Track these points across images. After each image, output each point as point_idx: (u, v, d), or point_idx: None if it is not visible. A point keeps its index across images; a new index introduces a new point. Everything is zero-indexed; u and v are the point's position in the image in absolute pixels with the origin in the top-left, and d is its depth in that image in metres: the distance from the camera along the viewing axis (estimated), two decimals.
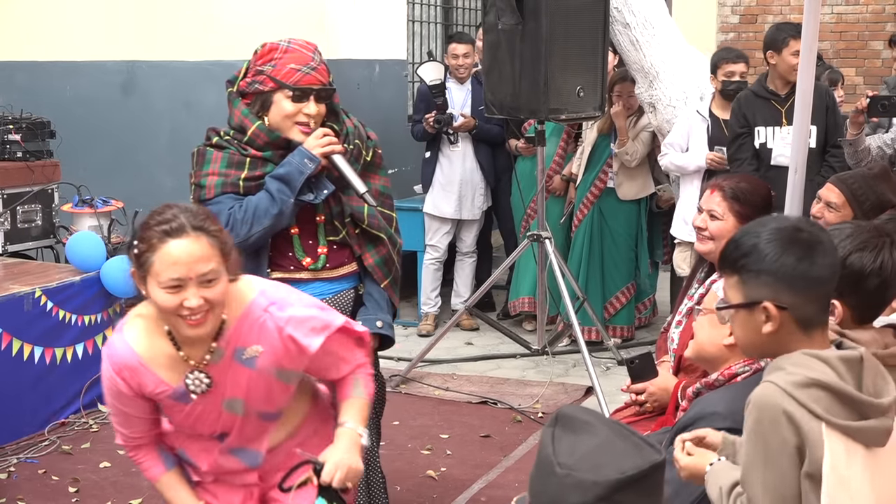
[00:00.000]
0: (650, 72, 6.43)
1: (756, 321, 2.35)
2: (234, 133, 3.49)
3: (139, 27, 8.05)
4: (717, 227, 3.70)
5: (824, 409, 2.22)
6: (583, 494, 1.77)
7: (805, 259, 2.31)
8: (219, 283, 2.66)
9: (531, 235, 6.34)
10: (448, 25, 9.94)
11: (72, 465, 5.12)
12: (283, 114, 3.43)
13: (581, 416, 1.89)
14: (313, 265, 3.58)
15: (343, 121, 3.62)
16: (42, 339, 5.51)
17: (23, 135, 6.62)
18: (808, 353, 2.29)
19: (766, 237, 2.34)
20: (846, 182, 4.14)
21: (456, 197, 7.45)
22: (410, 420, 5.80)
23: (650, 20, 6.43)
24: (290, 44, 3.46)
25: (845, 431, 2.23)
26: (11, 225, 6.44)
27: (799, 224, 2.39)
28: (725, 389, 2.97)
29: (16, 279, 5.70)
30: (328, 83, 3.49)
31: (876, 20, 11.19)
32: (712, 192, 3.76)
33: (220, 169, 3.47)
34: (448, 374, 6.62)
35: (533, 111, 5.95)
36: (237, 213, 3.42)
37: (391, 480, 4.94)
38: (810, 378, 2.23)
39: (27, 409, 5.46)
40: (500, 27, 5.90)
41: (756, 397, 2.27)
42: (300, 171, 3.39)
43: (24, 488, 4.86)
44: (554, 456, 1.82)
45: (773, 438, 2.22)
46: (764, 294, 2.32)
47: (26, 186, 6.52)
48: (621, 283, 7.12)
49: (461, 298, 7.58)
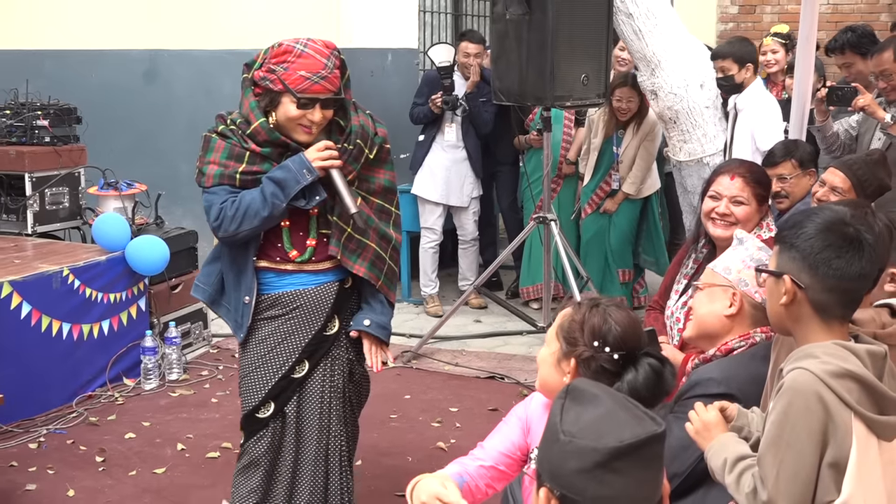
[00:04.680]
0: (652, 60, 6.40)
1: (778, 291, 2.36)
2: (239, 122, 3.39)
3: (161, 17, 8.05)
4: (743, 211, 3.70)
5: (856, 400, 2.20)
6: (581, 460, 1.77)
7: (833, 248, 2.28)
8: None
9: (537, 218, 6.35)
10: (458, 16, 9.91)
11: (98, 436, 5.16)
12: (287, 116, 3.32)
13: (590, 389, 1.90)
14: (299, 258, 3.46)
15: (350, 118, 3.46)
16: (70, 316, 5.54)
17: (50, 120, 6.63)
18: (839, 344, 2.28)
19: (816, 219, 2.34)
20: (851, 168, 4.14)
21: (443, 181, 7.44)
22: (421, 394, 5.82)
23: (652, 10, 6.40)
24: (305, 47, 3.29)
25: (869, 424, 2.22)
26: (40, 207, 6.46)
27: (851, 219, 2.34)
28: (721, 359, 2.98)
29: (45, 258, 5.73)
30: (337, 90, 3.34)
31: (870, 10, 11.12)
32: (732, 177, 3.74)
33: (220, 159, 3.38)
34: (457, 351, 6.64)
35: (539, 98, 5.94)
36: (228, 210, 3.32)
37: (403, 451, 4.97)
38: (845, 369, 2.21)
39: (56, 382, 5.49)
40: (507, 17, 5.89)
41: (791, 382, 2.23)
42: (297, 180, 3.28)
43: (53, 457, 4.90)
44: (560, 424, 1.83)
45: (801, 423, 2.20)
46: (788, 268, 2.33)
47: (54, 170, 6.53)
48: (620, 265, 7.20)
49: (468, 282, 7.58)
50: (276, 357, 3.48)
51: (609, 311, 2.53)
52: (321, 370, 3.52)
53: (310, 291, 3.48)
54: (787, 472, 2.20)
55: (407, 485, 2.49)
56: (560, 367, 2.56)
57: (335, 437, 3.57)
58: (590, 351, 2.49)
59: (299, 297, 3.48)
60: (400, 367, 6.29)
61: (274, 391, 3.47)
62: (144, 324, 6.03)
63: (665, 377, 2.47)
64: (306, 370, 3.49)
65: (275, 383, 3.47)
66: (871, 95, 5.19)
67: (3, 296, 5.17)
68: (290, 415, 3.50)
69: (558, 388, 2.50)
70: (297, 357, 3.49)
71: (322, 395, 3.52)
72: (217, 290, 3.55)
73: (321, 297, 3.50)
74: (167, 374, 5.99)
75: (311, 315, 3.50)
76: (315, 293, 3.49)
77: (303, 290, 3.48)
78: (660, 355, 2.53)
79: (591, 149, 7.15)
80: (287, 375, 3.48)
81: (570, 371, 2.53)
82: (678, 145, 6.53)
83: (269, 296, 3.48)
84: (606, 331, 2.49)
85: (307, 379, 3.51)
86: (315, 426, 3.52)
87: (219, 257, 3.56)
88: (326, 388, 3.53)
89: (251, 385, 3.51)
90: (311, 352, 3.50)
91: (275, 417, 3.49)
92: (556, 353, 2.58)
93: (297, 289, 3.48)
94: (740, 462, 2.34)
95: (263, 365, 3.49)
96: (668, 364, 2.51)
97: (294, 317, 3.48)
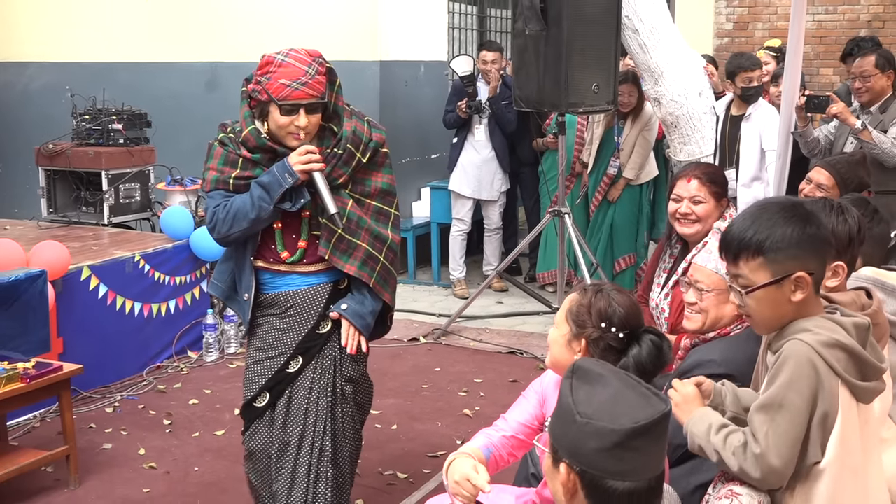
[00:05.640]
0: (656, 71, 6.35)
1: (785, 293, 2.23)
2: (238, 130, 3.27)
3: (220, 34, 8.06)
4: (703, 209, 3.65)
5: (843, 368, 2.18)
6: (601, 441, 1.75)
7: (813, 225, 2.23)
8: None
9: (552, 211, 6.32)
10: (482, 32, 9.86)
11: (166, 402, 5.19)
12: (277, 123, 3.16)
13: (595, 369, 1.88)
14: (290, 259, 3.28)
15: (343, 123, 3.26)
16: (141, 296, 5.57)
17: (124, 124, 6.66)
18: (827, 317, 2.24)
19: (776, 219, 2.24)
20: (835, 167, 4.10)
21: (475, 178, 7.42)
22: (449, 367, 5.82)
23: (656, 26, 6.34)
24: (286, 57, 3.12)
25: (853, 389, 2.19)
26: (115, 200, 6.50)
27: (789, 202, 2.30)
28: (720, 340, 2.95)
29: (119, 246, 5.76)
30: (321, 95, 3.14)
31: (851, 26, 11.01)
32: (688, 180, 3.69)
33: (218, 165, 3.26)
34: (481, 329, 6.63)
35: (555, 104, 5.91)
36: (220, 213, 3.20)
37: (434, 417, 4.97)
38: (835, 339, 2.18)
39: (129, 354, 5.53)
40: (527, 33, 5.86)
41: (788, 351, 2.19)
42: (279, 183, 3.12)
43: (126, 420, 4.93)
44: (574, 405, 1.80)
45: (795, 386, 2.16)
46: (794, 266, 2.22)
47: (127, 168, 6.56)
48: (625, 251, 7.13)
49: (491, 266, 7.58)
50: (273, 351, 3.32)
51: (612, 294, 2.53)
52: (313, 367, 3.32)
53: (303, 292, 3.31)
54: (779, 430, 2.16)
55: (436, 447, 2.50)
56: (571, 346, 2.55)
57: (320, 434, 3.30)
58: (598, 332, 2.49)
59: (293, 297, 3.31)
60: (431, 342, 6.29)
61: (269, 383, 3.31)
62: (206, 303, 6.05)
63: (664, 350, 2.48)
64: (300, 365, 3.31)
65: (271, 376, 3.31)
66: (843, 104, 5.15)
67: (83, 278, 5.20)
68: (280, 407, 3.31)
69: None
70: (292, 353, 3.31)
71: (311, 390, 3.31)
72: (230, 287, 3.40)
73: (314, 298, 3.32)
74: (226, 347, 6.01)
75: (305, 314, 3.32)
76: (308, 294, 3.31)
77: (296, 291, 3.31)
78: (658, 331, 2.52)
79: (592, 139, 7.12)
80: (282, 369, 3.31)
81: (581, 350, 2.52)
82: (679, 147, 6.47)
83: (268, 295, 3.33)
84: (612, 313, 2.49)
85: (299, 374, 3.32)
86: (300, 420, 3.29)
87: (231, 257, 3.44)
88: (316, 384, 3.31)
89: (250, 376, 3.36)
90: (305, 349, 3.31)
91: (270, 408, 3.33)
92: (566, 334, 2.56)
93: (291, 289, 3.31)
94: (725, 427, 2.29)
95: (262, 358, 3.34)
96: (666, 339, 2.51)
97: (289, 315, 3.32)
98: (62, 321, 5.04)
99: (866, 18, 11.08)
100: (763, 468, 2.17)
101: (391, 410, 5.08)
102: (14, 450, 4.21)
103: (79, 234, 6.16)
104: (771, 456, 2.16)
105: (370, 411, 3.60)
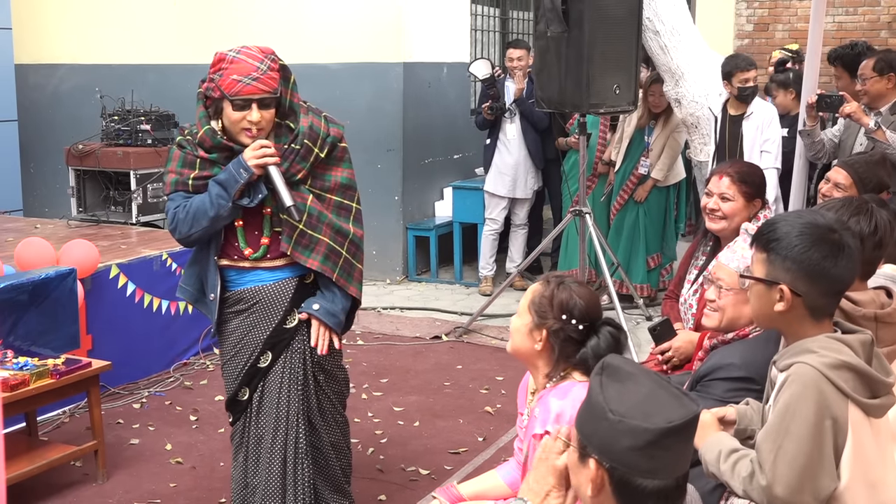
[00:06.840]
0: (676, 72, 6.33)
1: (771, 297, 2.23)
2: (195, 132, 3.24)
3: (247, 35, 8.04)
4: (730, 207, 3.62)
5: (851, 388, 2.13)
6: (634, 439, 1.74)
7: (830, 258, 2.17)
8: None
9: (574, 210, 6.30)
10: (504, 34, 9.84)
11: (192, 398, 5.20)
12: (230, 119, 3.13)
13: (625, 367, 1.86)
14: (254, 255, 3.24)
15: (300, 119, 3.23)
16: (168, 294, 5.58)
17: (152, 125, 6.70)
18: (832, 337, 2.20)
19: (801, 229, 2.20)
20: (853, 166, 4.04)
21: (511, 178, 7.40)
22: (471, 364, 5.80)
23: (677, 28, 6.32)
24: (238, 54, 3.11)
25: (864, 408, 2.15)
26: (143, 200, 6.53)
27: (833, 225, 2.23)
28: (739, 343, 2.92)
29: (147, 244, 5.79)
30: (272, 91, 3.11)
31: (871, 27, 10.92)
32: (720, 177, 3.66)
33: (176, 167, 3.23)
34: (503, 327, 6.59)
35: (576, 105, 5.88)
36: (180, 213, 3.18)
37: (456, 414, 4.96)
38: (841, 360, 2.14)
39: (156, 351, 5.55)
40: (548, 34, 5.83)
41: (794, 375, 2.15)
42: (236, 179, 3.09)
43: (153, 416, 4.95)
44: (605, 403, 1.78)
45: (801, 412, 2.11)
46: (784, 277, 2.20)
47: (155, 168, 6.60)
48: (652, 251, 7.09)
49: (514, 263, 7.56)
50: (244, 348, 3.30)
51: (573, 287, 2.56)
52: (282, 361, 3.29)
53: (268, 287, 3.27)
54: (786, 458, 2.11)
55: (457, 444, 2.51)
56: (532, 336, 2.58)
57: (293, 426, 3.28)
58: (559, 323, 2.52)
59: (258, 293, 3.27)
60: (453, 341, 6.28)
61: (244, 379, 3.30)
62: None
63: (621, 341, 2.51)
64: (270, 360, 3.29)
65: (245, 371, 3.30)
66: (856, 103, 5.10)
67: (111, 276, 5.23)
68: (254, 403, 3.30)
69: (529, 354, 2.60)
70: (261, 348, 3.28)
71: (281, 385, 3.28)
72: (198, 290, 3.38)
73: (279, 293, 3.28)
74: None
75: (271, 309, 3.28)
76: (273, 289, 3.28)
77: (261, 287, 3.27)
78: (616, 323, 2.55)
79: (623, 136, 7.07)
80: (254, 364, 3.29)
81: (542, 339, 2.55)
82: (699, 147, 6.44)
83: (234, 292, 3.30)
84: (573, 305, 2.52)
85: (270, 369, 3.29)
86: (272, 414, 3.27)
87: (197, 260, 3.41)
88: (286, 378, 3.29)
89: (228, 373, 3.36)
90: (273, 343, 3.28)
91: (251, 402, 3.33)
92: (528, 324, 2.59)
93: (257, 285, 3.27)
94: (735, 453, 2.26)
95: (235, 355, 3.32)
96: (623, 330, 2.55)
97: (255, 311, 3.28)
98: (91, 318, 5.06)
99: (886, 20, 10.97)
100: (769, 499, 2.13)
101: (413, 407, 5.07)
102: (44, 444, 4.24)
103: (107, 232, 6.19)
104: (777, 487, 2.11)
105: (348, 393, 3.55)
